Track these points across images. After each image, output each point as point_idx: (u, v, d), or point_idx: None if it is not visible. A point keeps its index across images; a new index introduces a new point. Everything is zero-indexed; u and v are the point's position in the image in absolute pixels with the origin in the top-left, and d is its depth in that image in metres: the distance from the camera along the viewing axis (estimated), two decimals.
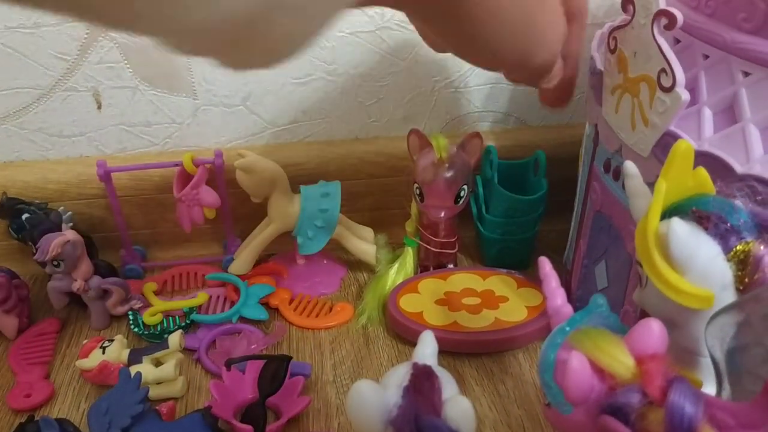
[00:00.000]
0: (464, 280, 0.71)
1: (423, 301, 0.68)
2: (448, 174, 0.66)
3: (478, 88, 0.77)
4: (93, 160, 0.70)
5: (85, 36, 0.68)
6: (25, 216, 0.68)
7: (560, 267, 0.72)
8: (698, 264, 0.37)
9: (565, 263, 0.72)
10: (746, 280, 0.37)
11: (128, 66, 0.70)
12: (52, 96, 0.71)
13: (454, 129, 0.80)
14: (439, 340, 0.50)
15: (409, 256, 0.72)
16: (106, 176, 0.69)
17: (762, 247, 0.36)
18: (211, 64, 0.25)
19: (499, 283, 0.70)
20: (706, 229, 0.37)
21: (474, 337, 0.63)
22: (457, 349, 0.64)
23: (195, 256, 0.78)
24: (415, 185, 0.68)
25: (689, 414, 0.31)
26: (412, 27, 0.45)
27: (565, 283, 0.68)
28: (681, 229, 0.36)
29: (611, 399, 0.35)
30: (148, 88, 0.72)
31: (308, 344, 0.66)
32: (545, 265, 0.46)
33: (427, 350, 0.47)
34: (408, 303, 0.67)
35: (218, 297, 0.71)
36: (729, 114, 0.46)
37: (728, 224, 0.37)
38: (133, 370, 0.58)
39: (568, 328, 0.39)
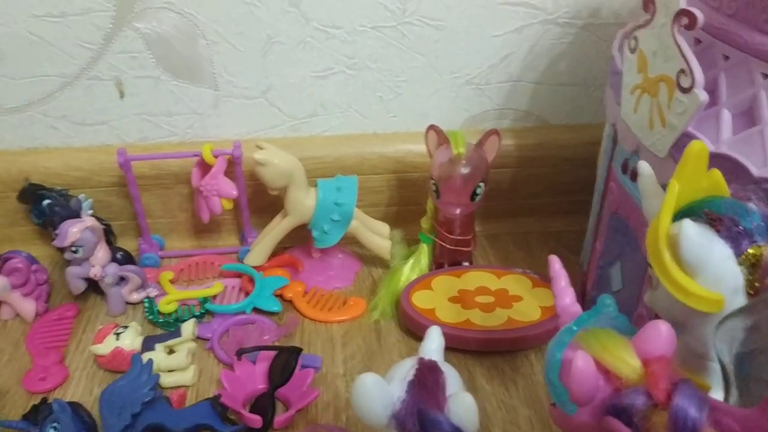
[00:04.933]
0: (479, 278, 0.70)
1: (436, 297, 0.67)
2: (465, 171, 0.66)
3: (499, 86, 0.76)
4: (114, 149, 0.71)
5: (110, 26, 0.69)
6: (46, 202, 0.70)
7: (577, 268, 0.71)
8: (709, 266, 0.36)
9: (582, 264, 0.71)
10: (757, 284, 0.36)
11: (151, 56, 0.71)
12: (76, 84, 0.72)
13: (474, 126, 0.79)
14: (450, 337, 0.50)
15: (423, 253, 0.72)
16: (126, 165, 0.70)
17: None
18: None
19: (513, 282, 0.70)
20: (718, 231, 0.37)
21: (486, 336, 0.63)
22: (469, 347, 0.63)
23: (212, 247, 0.79)
24: (432, 181, 0.68)
25: (693, 417, 0.31)
26: (434, 23, 0.44)
27: (581, 285, 0.68)
28: (692, 231, 0.36)
29: (616, 400, 0.34)
30: (170, 78, 0.72)
31: (320, 337, 0.67)
32: (555, 263, 0.45)
33: (432, 345, 0.46)
34: (421, 299, 0.67)
35: (233, 287, 0.72)
36: (748, 116, 0.45)
37: (740, 227, 0.36)
38: (146, 357, 0.58)
39: (575, 328, 0.39)
